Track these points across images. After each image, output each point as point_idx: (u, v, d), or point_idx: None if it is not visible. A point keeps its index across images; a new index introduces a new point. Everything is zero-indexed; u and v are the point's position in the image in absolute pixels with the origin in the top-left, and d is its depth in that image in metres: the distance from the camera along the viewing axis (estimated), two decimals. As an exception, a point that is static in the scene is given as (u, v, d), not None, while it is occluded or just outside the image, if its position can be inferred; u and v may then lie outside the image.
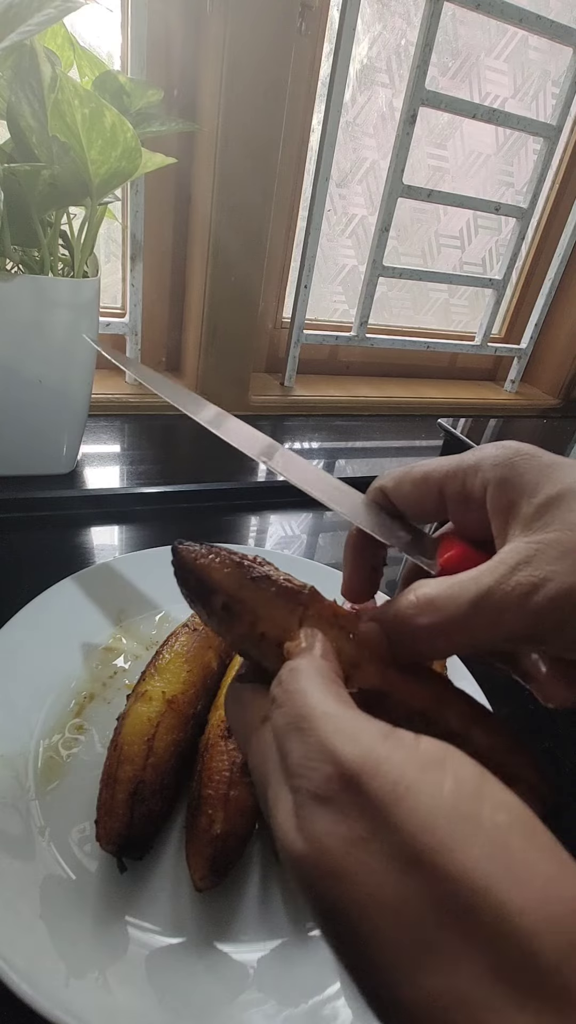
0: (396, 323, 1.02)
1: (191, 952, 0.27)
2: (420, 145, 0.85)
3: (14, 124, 0.43)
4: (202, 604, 0.22)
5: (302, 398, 0.89)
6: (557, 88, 0.86)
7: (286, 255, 0.86)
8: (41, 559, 0.50)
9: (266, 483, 0.68)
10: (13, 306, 0.49)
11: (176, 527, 0.58)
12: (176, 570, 0.22)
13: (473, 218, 0.96)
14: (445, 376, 1.11)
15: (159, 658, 0.35)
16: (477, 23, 0.79)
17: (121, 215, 0.70)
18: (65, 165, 0.45)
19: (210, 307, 0.74)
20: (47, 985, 0.24)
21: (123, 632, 0.42)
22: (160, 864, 0.30)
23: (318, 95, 0.75)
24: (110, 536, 0.55)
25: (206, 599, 0.21)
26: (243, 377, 0.81)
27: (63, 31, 0.48)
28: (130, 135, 0.44)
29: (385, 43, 0.78)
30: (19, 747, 0.33)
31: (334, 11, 0.70)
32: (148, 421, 0.76)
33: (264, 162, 0.68)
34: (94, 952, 0.26)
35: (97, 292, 0.53)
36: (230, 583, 0.21)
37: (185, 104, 0.68)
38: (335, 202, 0.86)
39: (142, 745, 0.30)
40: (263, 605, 0.21)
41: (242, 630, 0.21)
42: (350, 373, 1.02)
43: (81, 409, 0.58)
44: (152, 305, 0.79)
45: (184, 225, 0.76)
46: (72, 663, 0.39)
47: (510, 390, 1.10)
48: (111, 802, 0.28)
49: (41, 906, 0.27)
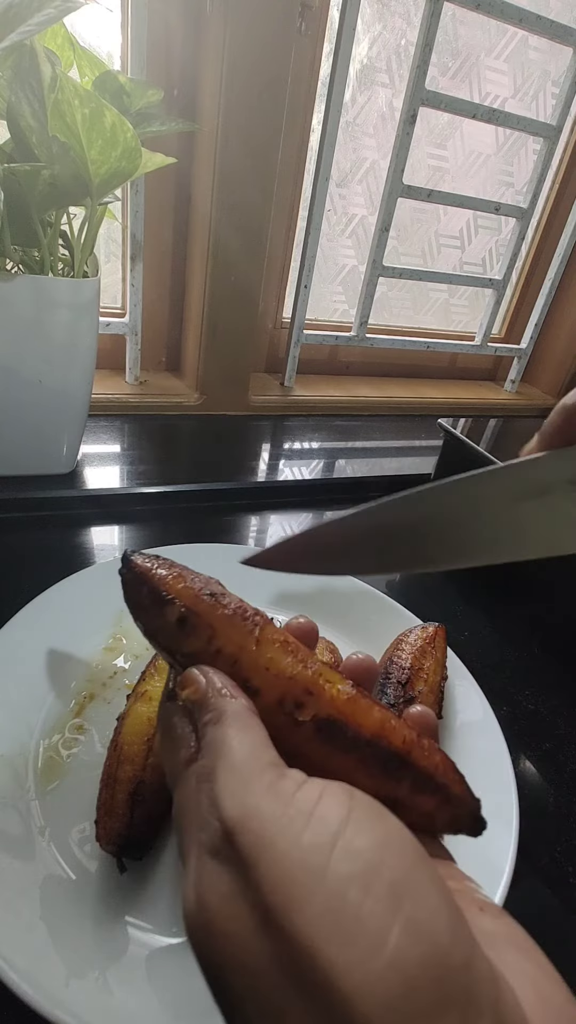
0: (396, 323, 1.01)
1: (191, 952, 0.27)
2: (420, 145, 0.85)
3: (14, 124, 0.43)
4: (153, 617, 0.21)
5: (302, 398, 0.89)
6: (557, 88, 0.86)
7: (286, 255, 0.86)
8: (41, 559, 0.50)
9: (266, 483, 0.68)
10: (13, 306, 0.49)
11: (176, 527, 0.58)
12: (126, 580, 0.22)
13: (473, 218, 0.96)
14: (445, 376, 1.11)
15: (159, 658, 0.35)
16: (477, 23, 0.79)
17: (121, 215, 0.70)
18: (65, 165, 0.45)
19: (210, 307, 0.74)
20: (47, 985, 0.24)
21: (123, 632, 0.42)
22: (160, 864, 0.30)
23: (318, 95, 0.75)
24: (110, 536, 0.55)
25: (159, 610, 0.21)
26: (243, 377, 0.81)
27: (63, 31, 0.48)
28: (130, 135, 0.44)
29: (385, 43, 0.78)
30: (19, 747, 0.33)
31: (334, 11, 0.70)
32: (148, 421, 0.76)
33: (264, 162, 0.68)
34: (94, 952, 0.26)
35: (97, 292, 0.53)
36: (188, 595, 0.21)
37: (185, 104, 0.68)
38: (335, 202, 0.86)
39: (142, 745, 0.30)
40: (221, 621, 0.21)
41: (197, 645, 0.21)
42: (350, 373, 1.02)
43: (81, 409, 0.58)
44: (152, 305, 0.79)
45: (184, 225, 0.76)
46: (72, 663, 0.39)
47: (510, 390, 1.10)
48: (111, 802, 0.28)
49: (41, 906, 0.27)
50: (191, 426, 0.79)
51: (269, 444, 0.79)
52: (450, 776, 0.22)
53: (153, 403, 0.78)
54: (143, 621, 0.22)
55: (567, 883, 0.33)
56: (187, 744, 0.19)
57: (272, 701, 0.20)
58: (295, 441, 0.81)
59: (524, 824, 0.33)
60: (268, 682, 0.20)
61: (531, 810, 0.36)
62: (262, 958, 0.14)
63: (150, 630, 0.22)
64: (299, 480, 0.70)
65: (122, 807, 0.28)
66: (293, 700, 0.20)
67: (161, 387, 0.81)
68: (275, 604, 0.46)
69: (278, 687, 0.20)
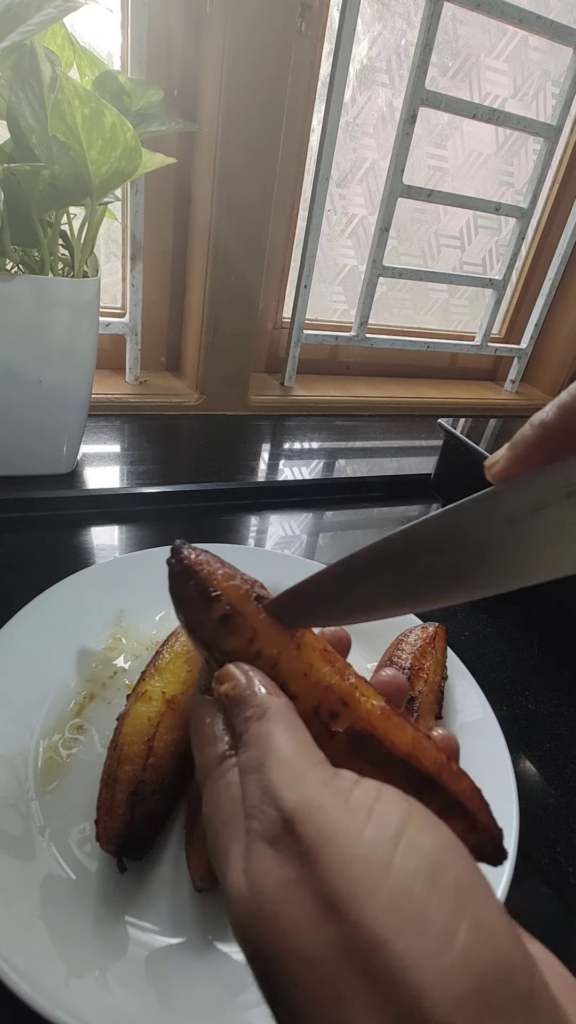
0: (396, 323, 1.02)
1: (191, 952, 0.27)
2: (420, 145, 0.85)
3: (14, 124, 0.43)
4: (197, 611, 0.21)
5: (302, 398, 0.89)
6: (557, 88, 0.86)
7: (286, 255, 0.86)
8: (41, 559, 0.50)
9: (266, 483, 0.68)
10: (13, 306, 0.49)
11: (176, 527, 0.58)
12: (174, 571, 0.22)
13: (473, 218, 0.96)
14: (445, 376, 1.11)
15: (159, 658, 0.35)
16: (477, 23, 0.79)
17: (121, 215, 0.70)
18: (65, 165, 0.45)
19: (210, 307, 0.74)
20: (47, 985, 0.24)
21: (123, 632, 0.42)
22: (160, 864, 0.30)
23: (318, 95, 0.75)
24: (110, 536, 0.55)
25: (204, 606, 0.21)
26: (243, 377, 0.81)
27: (63, 31, 0.48)
28: (130, 135, 0.44)
29: (385, 43, 0.78)
30: (19, 747, 0.33)
31: (334, 11, 0.70)
32: (148, 421, 0.76)
33: (264, 162, 0.68)
34: (94, 952, 0.26)
35: (97, 292, 0.53)
36: (235, 594, 0.21)
37: (185, 104, 0.68)
38: (335, 202, 0.86)
39: (142, 745, 0.30)
40: (263, 623, 0.21)
41: (237, 644, 0.21)
42: (350, 373, 1.02)
43: (81, 409, 0.58)
44: (152, 305, 0.79)
45: (184, 225, 0.76)
46: (72, 663, 0.39)
47: (510, 390, 1.10)
48: (111, 802, 0.28)
49: (41, 906, 0.27)
50: (191, 426, 0.79)
51: (269, 444, 0.79)
52: (476, 803, 0.21)
53: (153, 403, 0.78)
54: (186, 614, 0.22)
55: (567, 883, 0.33)
56: (221, 738, 0.20)
57: (308, 708, 0.20)
58: (295, 441, 0.81)
59: (524, 824, 0.33)
60: (305, 689, 0.20)
61: (531, 810, 0.36)
62: (322, 945, 0.14)
63: (191, 624, 0.22)
64: (299, 480, 0.70)
65: (122, 807, 0.28)
66: (328, 710, 0.20)
67: (161, 387, 0.81)
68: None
69: (315, 695, 0.20)
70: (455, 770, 0.22)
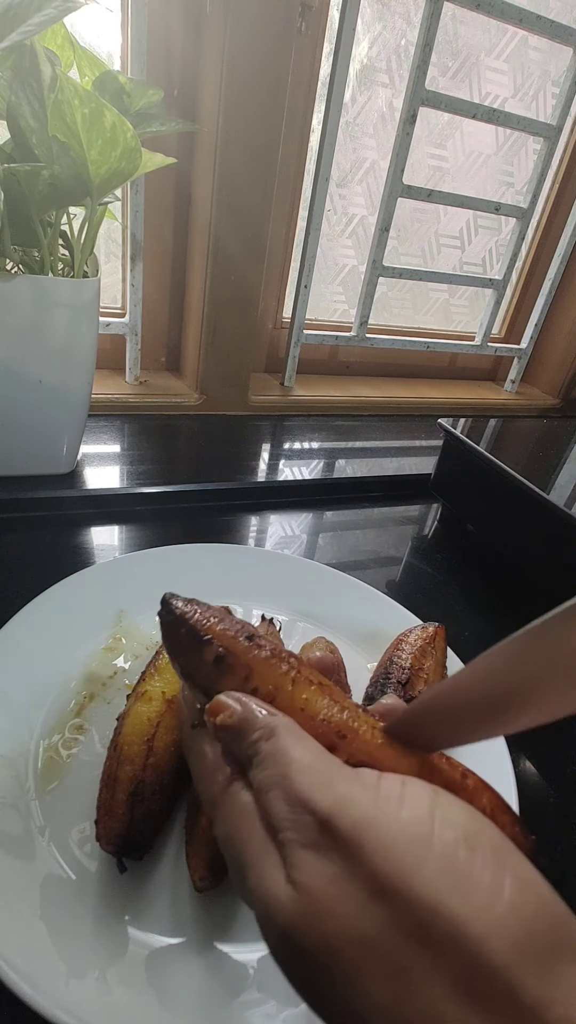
0: (396, 323, 1.01)
1: (191, 952, 0.27)
2: (420, 145, 0.85)
3: (14, 124, 0.43)
4: (190, 656, 0.22)
5: (302, 398, 0.89)
6: (557, 88, 0.86)
7: (286, 255, 0.86)
8: (41, 559, 0.50)
9: (266, 483, 0.68)
10: (13, 306, 0.49)
11: (176, 527, 0.58)
12: (165, 622, 0.22)
13: (473, 218, 0.96)
14: (445, 376, 1.11)
15: (159, 658, 0.35)
16: (477, 23, 0.79)
17: (121, 215, 0.70)
18: (65, 165, 0.45)
19: (210, 307, 0.74)
20: (47, 985, 0.24)
21: (123, 632, 0.42)
22: (160, 864, 0.30)
23: (318, 95, 0.75)
24: (110, 536, 0.55)
25: (197, 651, 0.21)
26: (243, 377, 0.81)
27: (63, 31, 0.48)
28: (130, 135, 0.44)
29: (385, 43, 0.78)
30: (19, 747, 0.33)
31: (334, 11, 0.70)
32: (148, 421, 0.76)
33: (264, 162, 0.68)
34: (94, 952, 0.26)
35: (97, 292, 0.53)
36: (225, 637, 0.21)
37: (185, 104, 0.68)
38: (335, 202, 0.86)
39: (142, 745, 0.30)
40: (257, 662, 0.21)
41: (233, 685, 0.21)
42: (350, 373, 1.02)
43: (81, 409, 0.58)
44: (152, 305, 0.79)
45: (184, 225, 0.76)
46: (72, 663, 0.39)
47: (510, 390, 1.10)
48: (111, 802, 0.28)
49: (41, 906, 0.27)
50: (191, 426, 0.79)
51: (269, 444, 0.79)
52: (500, 818, 0.21)
53: (153, 403, 0.78)
54: (180, 661, 0.22)
55: (567, 884, 0.33)
56: (221, 767, 0.20)
57: None
58: (295, 441, 0.81)
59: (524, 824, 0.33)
60: (303, 723, 0.21)
61: (531, 810, 0.36)
62: (380, 924, 0.15)
63: (187, 670, 0.22)
64: (299, 480, 0.70)
65: (122, 807, 0.28)
66: (327, 742, 0.20)
67: (161, 387, 0.81)
68: (275, 603, 0.46)
69: (312, 728, 0.21)
70: (471, 786, 0.22)
